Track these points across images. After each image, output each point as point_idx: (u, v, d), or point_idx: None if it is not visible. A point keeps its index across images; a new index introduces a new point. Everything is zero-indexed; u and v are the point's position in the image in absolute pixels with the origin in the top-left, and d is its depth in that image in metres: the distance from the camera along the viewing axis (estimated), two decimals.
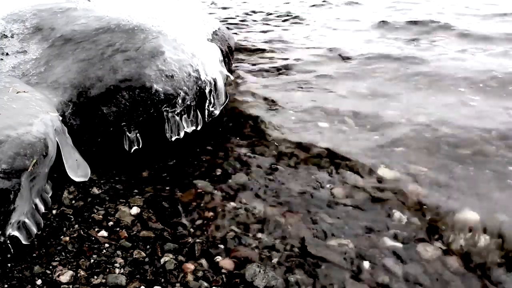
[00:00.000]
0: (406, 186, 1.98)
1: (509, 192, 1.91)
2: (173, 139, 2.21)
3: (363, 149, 2.30)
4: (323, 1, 7.08)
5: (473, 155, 2.21)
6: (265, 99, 2.99)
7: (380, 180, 2.04)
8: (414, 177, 2.04)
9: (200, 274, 1.50)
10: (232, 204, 1.90)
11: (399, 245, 1.66)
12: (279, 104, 2.90)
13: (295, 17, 5.91)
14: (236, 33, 4.85)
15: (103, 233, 1.64)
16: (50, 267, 1.44)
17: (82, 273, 1.43)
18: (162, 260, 1.54)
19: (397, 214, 1.82)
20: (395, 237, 1.70)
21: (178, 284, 1.45)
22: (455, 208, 1.80)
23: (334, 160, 2.21)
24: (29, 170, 1.41)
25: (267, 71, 3.64)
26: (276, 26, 5.46)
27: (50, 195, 1.74)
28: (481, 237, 1.67)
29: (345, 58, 3.92)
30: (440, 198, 1.88)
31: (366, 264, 1.57)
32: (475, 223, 1.72)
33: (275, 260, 1.59)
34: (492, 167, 2.09)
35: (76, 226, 1.65)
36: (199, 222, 1.79)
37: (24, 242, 1.47)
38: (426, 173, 2.06)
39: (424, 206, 1.84)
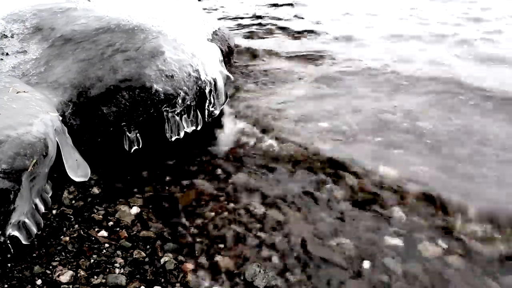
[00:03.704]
0: None
1: None
2: (173, 139, 2.21)
3: None
4: None
5: None
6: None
7: None
8: None
9: (200, 274, 1.50)
10: (232, 203, 1.90)
11: None
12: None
13: None
14: None
15: (103, 233, 1.64)
16: (50, 267, 1.44)
17: (82, 273, 1.43)
18: (162, 260, 1.54)
19: None
20: None
21: (178, 284, 1.45)
22: None
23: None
24: (29, 170, 1.41)
25: None
26: None
27: (50, 195, 1.74)
28: None
29: None
30: None
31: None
32: None
33: (275, 260, 1.59)
34: None
35: (76, 226, 1.65)
36: (199, 221, 1.79)
37: (24, 242, 1.47)
38: None
39: None
